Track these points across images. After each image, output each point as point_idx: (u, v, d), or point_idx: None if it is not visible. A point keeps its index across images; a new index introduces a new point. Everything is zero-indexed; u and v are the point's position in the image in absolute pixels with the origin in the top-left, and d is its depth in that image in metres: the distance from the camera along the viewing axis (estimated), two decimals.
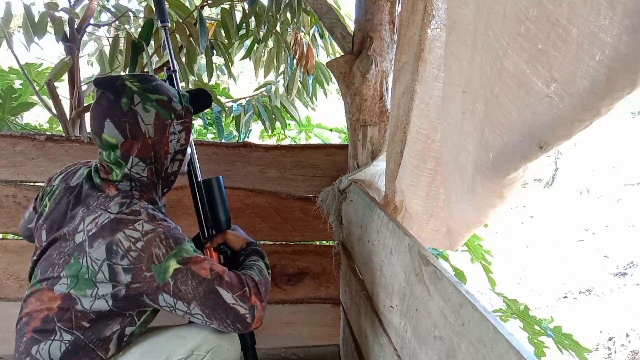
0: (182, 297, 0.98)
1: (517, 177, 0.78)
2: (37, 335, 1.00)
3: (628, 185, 7.90)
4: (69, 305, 0.99)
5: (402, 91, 1.17)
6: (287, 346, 1.89)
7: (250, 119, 2.68)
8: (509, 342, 0.55)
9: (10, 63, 2.50)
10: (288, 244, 1.82)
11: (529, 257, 5.73)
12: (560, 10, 0.57)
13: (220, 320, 1.00)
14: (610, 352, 3.89)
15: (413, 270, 0.90)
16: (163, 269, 0.98)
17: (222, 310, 0.99)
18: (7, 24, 1.90)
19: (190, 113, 1.12)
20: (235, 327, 1.00)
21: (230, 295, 0.99)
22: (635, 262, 5.28)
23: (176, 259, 0.99)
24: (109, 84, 1.05)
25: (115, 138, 1.04)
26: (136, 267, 0.97)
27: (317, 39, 2.72)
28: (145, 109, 1.05)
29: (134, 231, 0.99)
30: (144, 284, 0.98)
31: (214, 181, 1.29)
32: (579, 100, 0.57)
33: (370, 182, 1.50)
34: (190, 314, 1.00)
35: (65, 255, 1.01)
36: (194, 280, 0.98)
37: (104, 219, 1.00)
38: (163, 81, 1.15)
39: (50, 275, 1.02)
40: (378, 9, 1.41)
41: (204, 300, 0.98)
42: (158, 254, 0.98)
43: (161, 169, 1.10)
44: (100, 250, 0.97)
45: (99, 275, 0.98)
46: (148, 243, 0.98)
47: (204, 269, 1.00)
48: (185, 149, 1.13)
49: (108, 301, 0.99)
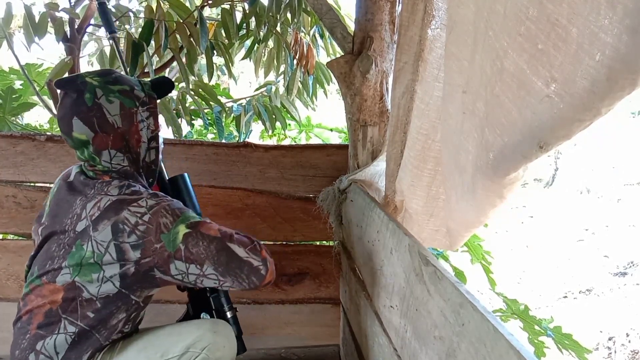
0: (195, 259, 1.00)
1: (517, 177, 0.78)
2: (42, 330, 1.01)
3: (628, 185, 7.89)
4: (74, 294, 1.00)
5: (402, 91, 1.17)
6: (287, 346, 1.89)
7: (251, 119, 2.68)
8: (509, 342, 0.55)
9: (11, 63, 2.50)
10: (288, 244, 1.82)
11: (529, 257, 5.73)
12: (561, 10, 0.58)
13: (235, 275, 1.01)
14: (610, 352, 3.88)
15: (413, 270, 0.90)
16: (173, 235, 0.99)
17: (236, 264, 1.00)
18: (8, 24, 1.90)
19: (154, 99, 1.14)
20: (250, 281, 1.01)
21: (242, 250, 1.01)
22: (635, 262, 5.27)
23: (184, 224, 1.01)
24: (70, 83, 1.07)
25: (86, 134, 1.06)
26: (145, 240, 0.99)
27: (317, 39, 2.72)
28: (109, 100, 1.07)
29: (138, 207, 1.01)
30: (154, 256, 0.99)
31: (180, 179, 1.31)
32: (579, 100, 0.57)
33: (371, 182, 1.50)
34: (204, 275, 1.01)
35: (66, 246, 1.02)
36: (204, 240, 1.00)
37: (106, 201, 1.02)
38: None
39: (49, 268, 1.02)
40: (378, 9, 1.41)
41: (217, 258, 1.00)
42: (166, 223, 1.00)
43: (137, 157, 1.12)
44: (105, 232, 0.99)
45: (105, 257, 0.98)
46: (154, 215, 1.00)
47: (213, 229, 1.02)
48: (157, 135, 1.15)
49: (115, 282, 1.00)
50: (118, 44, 1.42)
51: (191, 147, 1.67)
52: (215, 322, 1.14)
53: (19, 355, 1.02)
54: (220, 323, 1.14)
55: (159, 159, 1.18)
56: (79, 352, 1.01)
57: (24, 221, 1.66)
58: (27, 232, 1.69)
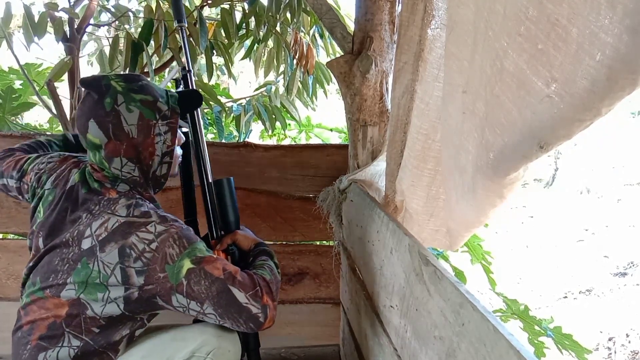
0: (196, 297, 0.99)
1: (517, 177, 0.78)
2: (44, 342, 0.99)
3: (628, 185, 7.90)
4: (78, 310, 0.99)
5: (402, 91, 1.17)
6: (287, 346, 1.89)
7: (251, 119, 2.68)
8: (509, 342, 0.55)
9: (10, 63, 2.50)
10: (288, 244, 1.82)
11: (529, 257, 5.73)
12: (561, 10, 0.57)
13: (233, 319, 1.00)
14: (610, 352, 3.89)
15: (413, 270, 0.90)
16: (177, 269, 0.98)
17: (235, 309, 0.99)
18: (7, 24, 1.90)
19: (177, 114, 1.11)
20: (248, 326, 1.01)
21: (242, 295, 1.00)
22: (635, 262, 5.27)
23: (189, 259, 0.99)
24: (94, 84, 1.04)
25: (99, 138, 1.03)
26: (150, 268, 0.97)
27: (317, 39, 2.72)
28: (128, 109, 1.03)
29: (147, 233, 0.99)
30: (157, 285, 0.98)
31: (225, 182, 1.29)
32: (579, 100, 0.57)
33: (370, 182, 1.50)
34: (204, 313, 1.00)
35: (70, 262, 1.00)
36: (207, 280, 0.99)
37: (114, 222, 1.00)
38: (149, 81, 1.13)
39: (53, 282, 1.01)
40: (378, 9, 1.41)
41: (217, 300, 0.99)
42: (172, 254, 0.99)
43: (147, 170, 1.09)
44: (113, 254, 0.97)
45: (111, 279, 0.97)
46: (162, 243, 0.99)
47: (217, 268, 1.00)
48: (172, 151, 1.12)
49: (120, 305, 0.99)
50: (185, 34, 1.36)
51: None
52: (220, 327, 1.12)
53: None
54: (225, 327, 1.14)
55: (169, 173, 1.14)
56: None
57: (24, 221, 1.66)
58: (27, 232, 1.69)
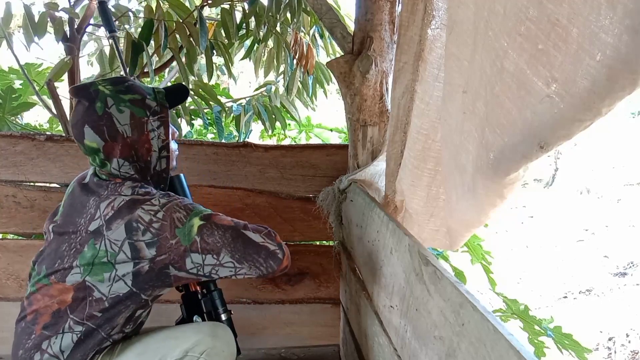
0: (211, 249, 1.01)
1: (517, 177, 0.78)
2: (47, 331, 1.01)
3: (628, 185, 7.89)
4: (84, 294, 1.01)
5: (402, 91, 1.17)
6: (287, 346, 1.89)
7: (250, 119, 2.67)
8: (509, 342, 0.55)
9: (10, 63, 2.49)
10: (288, 244, 1.81)
11: (529, 257, 5.73)
12: (561, 10, 0.57)
13: (252, 261, 1.03)
14: (610, 352, 3.88)
15: (413, 270, 0.89)
16: (187, 228, 1.01)
17: (253, 249, 1.02)
18: (7, 24, 1.90)
19: (166, 108, 1.15)
20: (267, 265, 1.03)
21: (257, 235, 1.04)
22: (635, 262, 5.27)
23: (198, 217, 1.03)
24: (83, 91, 1.09)
25: (96, 142, 1.07)
26: (161, 237, 1.00)
27: (317, 39, 2.72)
28: (119, 110, 1.08)
29: (151, 205, 1.03)
30: (169, 253, 1.00)
31: (175, 179, 1.31)
32: (579, 100, 0.56)
33: (370, 182, 1.50)
34: (220, 264, 1.02)
35: (77, 245, 1.03)
36: (219, 230, 1.02)
37: (120, 201, 1.03)
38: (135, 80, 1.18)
39: (59, 267, 1.03)
40: (378, 9, 1.41)
41: (233, 245, 1.02)
42: (180, 217, 1.02)
43: (145, 167, 1.13)
44: (119, 231, 1.00)
45: (119, 256, 0.99)
46: (168, 211, 1.02)
47: (226, 220, 1.05)
48: (167, 145, 1.15)
49: (127, 281, 1.01)
50: (118, 43, 1.42)
51: (191, 147, 1.67)
52: (215, 326, 1.13)
53: (22, 355, 1.02)
54: (220, 327, 1.14)
55: (169, 167, 1.18)
56: (85, 351, 1.02)
57: (24, 221, 1.66)
58: (27, 232, 1.69)
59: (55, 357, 1.00)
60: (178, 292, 1.32)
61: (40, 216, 1.66)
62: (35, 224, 1.66)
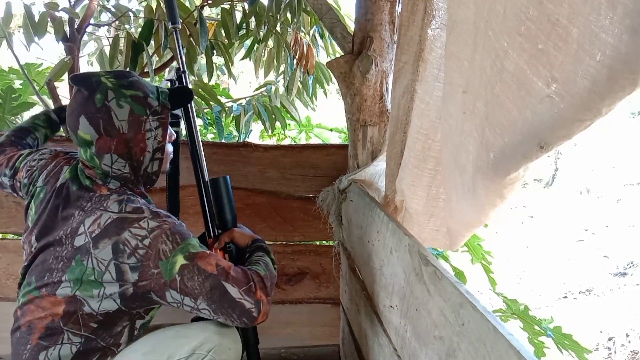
0: (189, 292, 0.99)
1: (517, 177, 0.78)
2: (44, 341, 0.99)
3: (628, 185, 7.89)
4: (75, 307, 0.99)
5: (402, 91, 1.17)
6: (287, 346, 1.89)
7: (250, 119, 2.67)
8: (509, 342, 0.55)
9: (10, 63, 2.50)
10: (288, 244, 1.82)
11: (529, 257, 5.73)
12: (561, 10, 0.57)
13: (227, 314, 1.01)
14: (610, 352, 3.89)
15: (413, 270, 0.89)
16: (170, 264, 0.98)
17: (229, 304, 1.00)
18: (7, 24, 1.90)
19: (167, 109, 1.11)
20: (241, 321, 1.01)
21: (236, 290, 1.00)
22: (635, 262, 5.27)
23: (183, 255, 0.99)
24: (84, 81, 1.04)
25: (90, 134, 1.03)
26: (144, 264, 0.98)
27: (317, 39, 2.72)
28: (119, 104, 1.04)
29: (139, 229, 0.99)
30: (151, 281, 0.98)
31: (222, 180, 1.30)
32: (579, 100, 0.56)
33: (370, 182, 1.50)
34: (198, 309, 1.01)
35: (64, 259, 1.00)
36: (200, 276, 0.99)
37: (106, 219, 1.00)
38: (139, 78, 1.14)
39: (49, 280, 1.01)
40: (378, 9, 1.41)
41: (210, 295, 0.99)
42: (165, 250, 0.99)
43: (138, 166, 1.09)
44: (106, 251, 0.98)
45: (105, 276, 0.98)
46: (155, 239, 0.99)
47: (210, 264, 1.01)
48: (163, 147, 1.12)
49: (116, 300, 0.99)
50: (179, 36, 1.38)
51: None
52: (222, 324, 1.12)
53: None
54: (226, 325, 1.14)
55: (160, 170, 1.14)
56: (86, 358, 1.01)
57: (24, 221, 1.66)
58: None
59: None
60: None
61: None
62: None
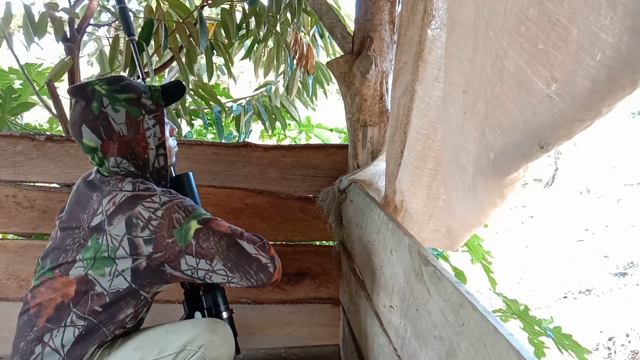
0: (205, 254, 1.02)
1: (517, 177, 0.78)
2: (50, 324, 1.02)
3: (628, 185, 7.89)
4: (86, 287, 1.02)
5: (402, 91, 1.17)
6: (287, 346, 1.89)
7: (250, 119, 2.67)
8: (509, 342, 0.55)
9: (10, 63, 2.49)
10: (288, 244, 1.82)
11: (529, 257, 5.73)
12: (561, 10, 0.57)
13: (244, 272, 1.03)
14: (610, 352, 3.89)
15: (413, 270, 0.89)
16: (184, 230, 1.02)
17: (245, 261, 1.03)
18: (7, 24, 1.90)
19: (162, 106, 1.17)
20: (258, 278, 1.04)
21: (251, 246, 1.04)
22: (635, 262, 5.27)
23: (196, 220, 1.04)
24: (80, 91, 1.11)
25: (94, 141, 1.10)
26: (158, 235, 1.01)
27: (317, 39, 2.72)
28: (115, 109, 1.10)
29: (152, 203, 1.04)
30: (165, 251, 1.01)
31: (185, 177, 1.32)
32: (579, 100, 0.56)
33: (370, 182, 1.50)
34: (213, 270, 1.03)
35: (80, 240, 1.05)
36: (215, 236, 1.03)
37: (121, 197, 1.05)
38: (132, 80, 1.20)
39: (63, 261, 1.05)
40: (378, 9, 1.41)
41: (226, 253, 1.02)
42: (178, 218, 1.03)
43: (143, 164, 1.15)
44: (120, 226, 1.01)
45: (119, 251, 1.01)
46: (167, 210, 1.03)
47: (224, 226, 1.05)
48: (164, 142, 1.17)
49: (127, 277, 1.02)
50: (136, 47, 1.44)
51: (191, 147, 1.67)
52: (213, 321, 1.14)
53: (24, 347, 1.03)
54: (219, 322, 1.15)
55: (168, 164, 1.20)
56: (85, 345, 1.03)
57: (24, 221, 1.66)
58: (27, 232, 1.69)
59: (55, 351, 1.01)
60: (182, 288, 1.32)
61: (40, 216, 1.66)
62: (35, 224, 1.67)
